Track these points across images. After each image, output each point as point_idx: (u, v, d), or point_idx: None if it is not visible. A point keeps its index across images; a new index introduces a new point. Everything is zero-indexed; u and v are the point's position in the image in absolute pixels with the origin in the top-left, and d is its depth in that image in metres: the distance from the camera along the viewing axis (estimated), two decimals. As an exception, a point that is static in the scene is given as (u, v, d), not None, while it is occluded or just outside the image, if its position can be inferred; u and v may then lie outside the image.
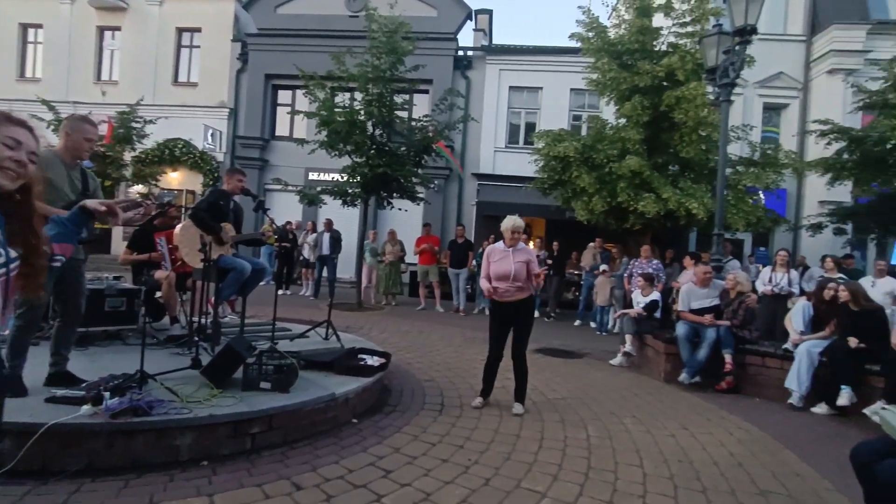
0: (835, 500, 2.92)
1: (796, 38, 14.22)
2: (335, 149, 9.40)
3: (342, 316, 8.33)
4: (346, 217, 12.17)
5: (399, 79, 9.39)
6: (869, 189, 9.74)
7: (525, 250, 4.23)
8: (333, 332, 5.05)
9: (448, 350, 6.43)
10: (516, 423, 3.87)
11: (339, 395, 3.53)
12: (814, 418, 4.56)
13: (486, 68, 15.04)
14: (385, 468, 2.92)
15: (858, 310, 4.79)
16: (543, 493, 2.77)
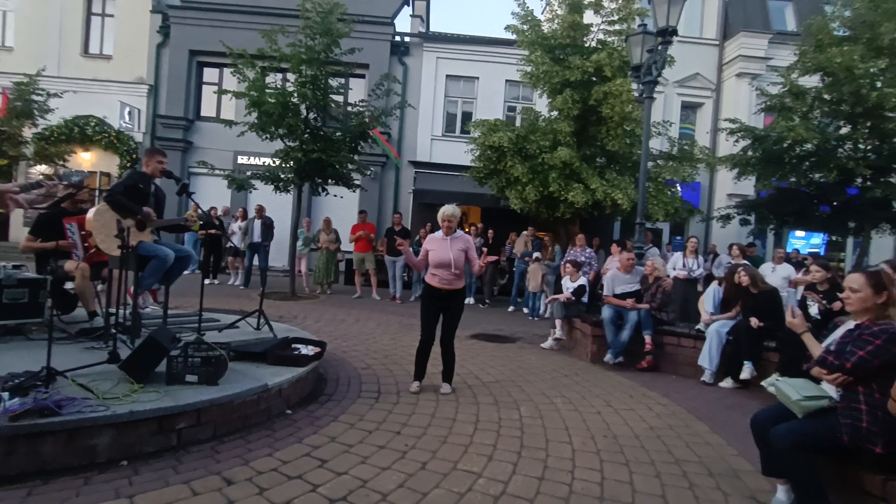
0: (738, 464, 3.23)
1: (710, 43, 15.30)
2: (266, 132, 9.00)
3: (275, 305, 8.07)
4: (278, 203, 11.74)
5: (334, 61, 9.12)
6: (769, 183, 10.72)
7: (462, 238, 4.33)
8: (265, 322, 4.89)
9: (385, 338, 6.43)
10: (452, 407, 3.95)
11: (273, 385, 3.44)
12: (721, 392, 5.01)
13: (423, 55, 14.96)
14: (321, 458, 2.90)
15: (757, 292, 5.30)
16: (479, 473, 2.86)
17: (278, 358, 3.85)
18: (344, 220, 11.91)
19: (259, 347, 3.96)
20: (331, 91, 9.22)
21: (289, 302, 8.88)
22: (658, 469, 3.09)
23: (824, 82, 9.49)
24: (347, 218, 12.10)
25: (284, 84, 9.25)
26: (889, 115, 8.81)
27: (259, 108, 8.59)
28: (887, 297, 2.41)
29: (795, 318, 2.77)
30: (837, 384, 2.41)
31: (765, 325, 4.99)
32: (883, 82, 8.64)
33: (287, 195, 10.10)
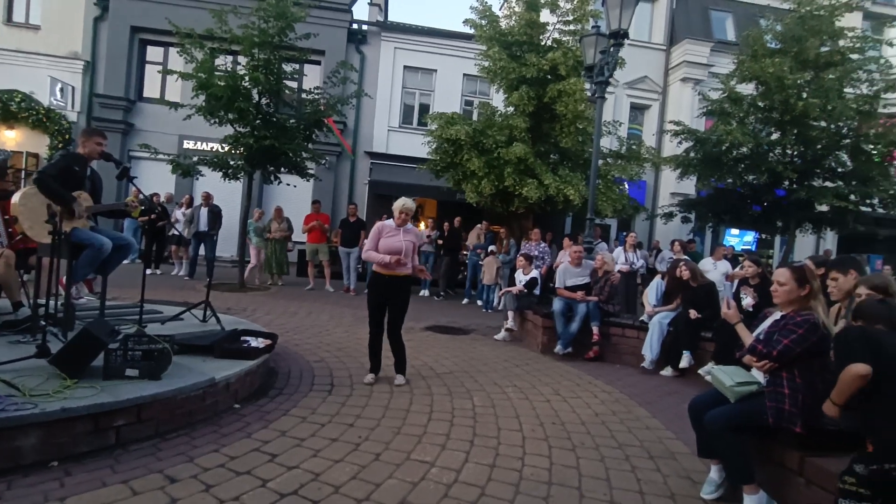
0: (675, 446, 3.43)
1: (658, 48, 15.94)
2: (215, 116, 8.61)
3: (222, 297, 7.78)
4: (227, 191, 11.29)
5: (289, 46, 8.84)
6: (708, 184, 11.33)
7: (414, 231, 4.43)
8: (212, 314, 4.71)
9: (338, 330, 6.35)
10: (407, 398, 3.97)
11: (220, 379, 3.33)
12: (661, 379, 5.28)
13: (381, 45, 14.76)
14: (271, 452, 2.84)
15: (696, 286, 5.61)
16: (432, 462, 2.90)
17: (226, 351, 3.73)
18: (297, 209, 11.62)
19: (206, 340, 3.82)
20: (284, 76, 8.94)
21: (237, 293, 8.59)
22: (602, 453, 3.23)
23: (758, 90, 10.12)
24: (300, 208, 11.81)
25: (235, 67, 8.89)
26: (813, 123, 9.51)
27: (207, 91, 8.21)
28: (810, 289, 2.61)
29: (730, 310, 2.96)
30: (765, 370, 2.60)
31: (702, 316, 5.29)
32: (808, 93, 9.31)
33: (236, 183, 9.74)
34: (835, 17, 9.76)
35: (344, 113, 10.84)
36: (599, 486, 2.77)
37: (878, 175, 9.60)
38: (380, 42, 14.77)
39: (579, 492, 2.70)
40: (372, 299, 4.31)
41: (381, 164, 14.44)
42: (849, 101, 9.26)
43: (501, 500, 2.55)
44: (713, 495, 2.69)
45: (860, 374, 2.01)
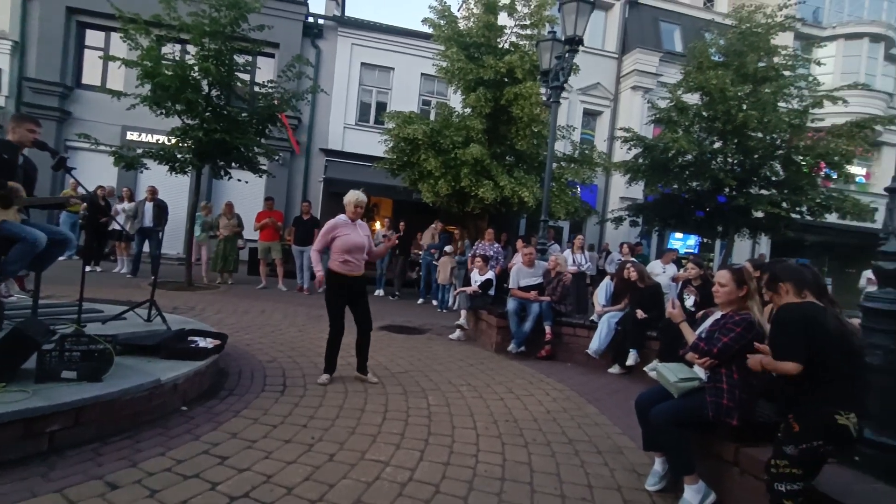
0: (622, 441, 3.58)
1: (610, 55, 16.50)
2: (161, 107, 8.20)
3: (169, 296, 7.45)
4: (174, 186, 10.82)
5: (241, 37, 8.54)
6: (655, 189, 11.84)
7: (364, 225, 4.41)
8: (158, 313, 4.50)
9: (291, 329, 6.21)
10: (361, 398, 3.94)
11: (166, 380, 3.20)
12: (610, 377, 5.48)
13: (337, 40, 14.54)
14: (221, 455, 2.76)
15: (643, 287, 5.86)
16: (387, 461, 2.90)
17: (173, 351, 3.59)
18: (248, 206, 11.28)
19: (151, 340, 3.65)
20: (236, 68, 8.64)
21: (185, 292, 8.23)
22: (553, 449, 3.32)
23: (703, 101, 10.66)
24: (252, 204, 11.48)
25: (184, 56, 8.50)
26: (751, 134, 10.12)
27: (153, 81, 7.81)
28: (747, 290, 2.79)
29: (675, 310, 3.11)
30: (706, 367, 2.76)
31: (648, 316, 5.53)
32: (747, 105, 9.89)
33: (184, 177, 9.34)
34: (770, 35, 10.43)
35: (299, 108, 10.61)
36: (550, 481, 2.86)
37: (807, 185, 10.32)
38: (336, 37, 14.54)
39: (531, 487, 2.77)
40: (334, 299, 4.23)
41: (336, 162, 14.22)
42: (782, 115, 9.92)
43: (455, 497, 2.58)
44: (657, 487, 2.83)
45: (790, 371, 2.15)
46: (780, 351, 2.20)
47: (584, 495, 2.74)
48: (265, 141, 9.42)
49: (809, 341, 2.11)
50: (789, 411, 2.15)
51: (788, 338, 2.17)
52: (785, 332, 2.20)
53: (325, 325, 4.38)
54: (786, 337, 2.18)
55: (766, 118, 9.57)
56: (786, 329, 2.19)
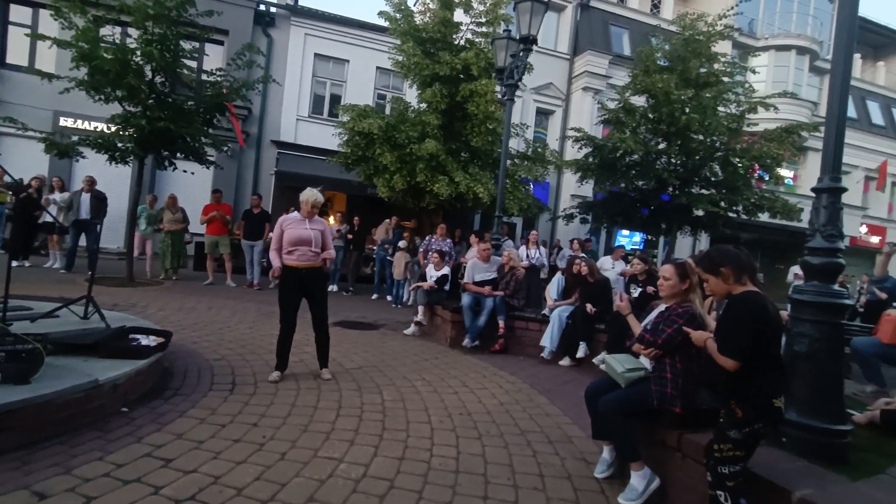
0: (572, 431, 3.69)
1: (563, 56, 16.89)
2: (100, 92, 7.70)
3: (108, 292, 7.04)
4: (113, 176, 10.20)
5: (188, 22, 8.14)
6: (604, 187, 12.25)
7: (321, 222, 4.36)
8: (95, 310, 4.25)
9: (241, 326, 6.02)
10: (314, 395, 3.88)
11: (105, 381, 3.03)
12: (560, 369, 5.64)
13: (290, 30, 14.15)
14: (165, 457, 2.65)
15: (593, 281, 6.06)
16: (340, 458, 2.86)
17: (113, 350, 3.40)
18: (194, 199, 10.81)
19: (88, 339, 3.45)
20: (182, 55, 8.22)
21: (126, 288, 7.80)
22: (506, 440, 3.39)
23: (649, 103, 11.11)
24: (198, 197, 11.00)
25: (124, 39, 8.00)
26: (693, 136, 10.66)
27: (90, 64, 7.31)
28: (689, 284, 2.93)
29: (622, 303, 3.24)
30: (651, 357, 2.89)
31: (597, 309, 5.73)
32: (690, 109, 10.39)
33: (125, 168, 8.82)
34: (711, 43, 10.99)
35: (249, 98, 10.26)
36: (503, 472, 2.92)
37: (743, 185, 10.98)
38: (289, 27, 14.15)
39: (484, 478, 2.81)
40: (286, 294, 4.18)
41: (288, 155, 13.87)
42: (721, 119, 10.49)
43: (410, 491, 2.59)
44: (605, 474, 2.94)
45: (727, 367, 2.26)
46: (724, 345, 2.26)
47: (535, 484, 2.81)
48: (213, 131, 9.05)
49: (756, 338, 2.18)
50: (731, 398, 2.27)
51: (735, 335, 2.22)
52: (734, 327, 2.24)
53: (275, 322, 4.30)
54: (733, 333, 2.23)
55: (707, 121, 10.10)
56: (736, 325, 2.24)
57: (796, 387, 2.56)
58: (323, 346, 4.39)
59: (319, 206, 4.29)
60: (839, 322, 2.61)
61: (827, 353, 2.55)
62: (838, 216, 2.65)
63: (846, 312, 2.65)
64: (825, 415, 2.50)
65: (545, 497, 2.68)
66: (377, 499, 2.48)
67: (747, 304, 2.25)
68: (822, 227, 2.65)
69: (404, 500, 2.50)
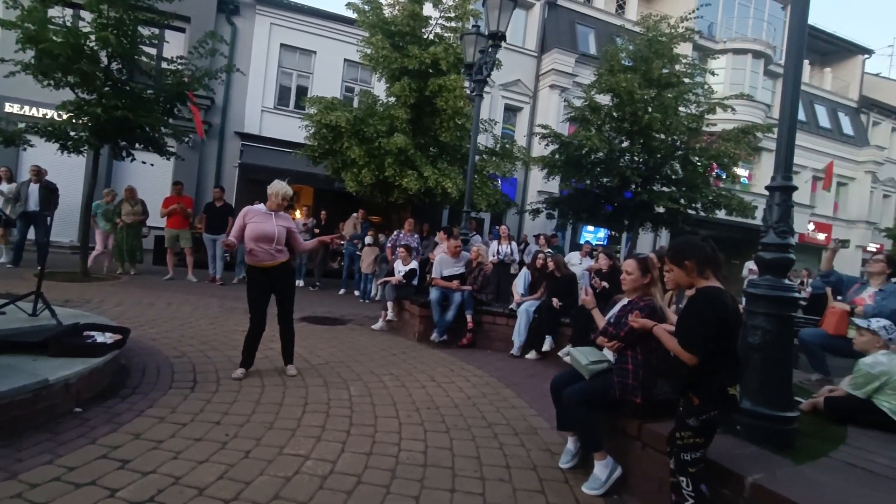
0: (538, 422, 3.75)
1: (531, 54, 17.04)
2: (49, 77, 7.31)
3: (59, 287, 6.73)
4: (65, 166, 9.71)
5: (147, 7, 7.81)
6: (569, 184, 12.46)
7: (287, 217, 4.26)
8: (46, 307, 4.05)
9: (203, 322, 5.85)
10: (279, 392, 3.81)
11: (56, 381, 2.90)
12: (527, 362, 5.72)
13: (255, 19, 13.77)
14: (121, 458, 2.56)
15: (560, 276, 6.17)
16: (307, 455, 2.83)
17: (64, 348, 3.25)
18: (153, 191, 10.43)
19: (37, 336, 3.28)
20: (141, 41, 7.88)
21: (79, 284, 7.46)
22: (473, 433, 3.42)
23: (614, 102, 11.34)
24: (158, 189, 10.63)
25: (77, 23, 7.61)
26: (655, 135, 10.94)
27: (38, 47, 6.92)
28: (651, 278, 3.03)
29: (587, 297, 3.31)
30: (614, 350, 2.97)
31: (562, 304, 5.84)
32: (652, 108, 10.67)
33: (78, 158, 8.40)
34: (673, 44, 11.30)
35: (212, 88, 9.94)
36: (470, 464, 2.95)
37: (701, 183, 11.36)
38: (254, 15, 13.77)
39: (452, 471, 2.84)
40: (255, 293, 4.10)
41: (252, 147, 13.53)
42: (682, 118, 10.82)
43: (378, 486, 2.59)
44: (569, 464, 3.01)
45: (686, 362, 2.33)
46: (686, 340, 2.29)
47: (502, 476, 2.85)
48: (174, 121, 8.72)
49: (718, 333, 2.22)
50: (688, 389, 2.36)
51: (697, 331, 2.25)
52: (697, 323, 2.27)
53: (239, 318, 4.21)
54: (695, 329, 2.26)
55: (668, 121, 10.39)
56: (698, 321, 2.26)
57: (749, 377, 2.68)
58: (288, 341, 4.32)
59: (289, 198, 4.18)
60: (790, 315, 2.74)
61: (778, 344, 2.67)
62: (790, 213, 2.78)
63: (796, 305, 2.78)
64: (775, 403, 2.63)
65: (511, 488, 2.72)
66: (344, 494, 2.47)
67: (709, 299, 2.27)
68: (774, 224, 2.77)
69: (372, 494, 2.50)
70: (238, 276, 9.57)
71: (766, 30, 20.54)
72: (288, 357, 4.34)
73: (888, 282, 4.53)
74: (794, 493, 2.03)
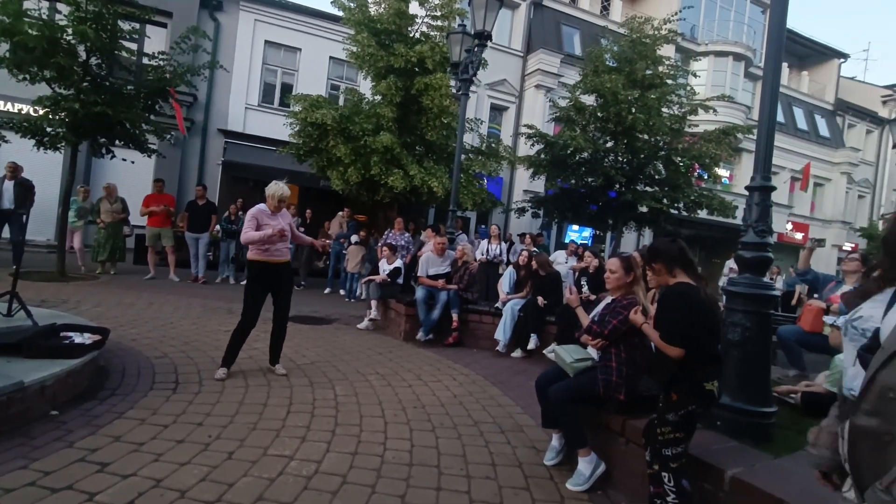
0: (523, 420, 3.77)
1: (516, 53, 17.11)
2: (25, 71, 7.13)
3: (35, 287, 6.59)
4: (42, 163, 9.48)
5: (127, 1, 7.66)
6: (555, 183, 12.54)
7: (287, 216, 4.40)
8: (21, 307, 3.95)
9: (185, 322, 5.76)
10: (263, 392, 3.78)
11: (31, 383, 2.83)
12: (512, 360, 5.75)
13: (239, 15, 13.59)
14: (100, 461, 2.52)
15: (545, 275, 6.20)
16: (291, 456, 2.81)
17: (40, 349, 3.18)
18: (134, 189, 10.22)
19: (11, 338, 3.20)
20: (121, 35, 7.71)
21: (56, 283, 7.30)
22: (460, 431, 3.43)
23: (598, 102, 11.44)
24: (138, 187, 10.42)
25: (53, 15, 7.43)
26: (638, 135, 11.07)
27: (12, 39, 6.75)
28: (634, 276, 3.06)
29: (572, 296, 3.34)
30: (598, 347, 3.00)
31: (547, 302, 5.88)
32: (636, 109, 10.79)
33: (56, 154, 8.20)
34: (656, 46, 11.44)
35: (194, 84, 9.79)
36: (456, 462, 2.95)
37: (684, 183, 11.53)
38: (238, 11, 13.59)
39: (438, 469, 2.84)
40: (256, 290, 4.14)
41: (236, 144, 13.36)
42: (665, 119, 10.96)
43: (363, 485, 2.58)
44: (554, 461, 3.03)
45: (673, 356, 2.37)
46: (668, 335, 2.34)
47: (488, 473, 2.86)
48: (155, 118, 8.57)
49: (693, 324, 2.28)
50: (670, 386, 2.39)
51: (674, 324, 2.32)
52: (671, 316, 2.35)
53: (223, 318, 4.16)
54: (672, 322, 2.33)
55: (652, 121, 10.52)
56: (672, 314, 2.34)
57: (729, 373, 2.73)
58: (280, 341, 4.33)
59: (286, 199, 4.27)
60: (768, 312, 2.80)
61: (757, 341, 2.73)
62: (769, 213, 2.84)
63: (774, 303, 2.84)
64: (754, 398, 2.69)
65: (497, 485, 2.73)
66: (329, 495, 2.45)
67: (675, 295, 2.37)
68: (754, 223, 2.82)
69: (357, 494, 2.49)
70: (222, 276, 9.45)
71: (746, 33, 20.89)
72: (276, 357, 4.32)
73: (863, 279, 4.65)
74: (772, 486, 2.07)
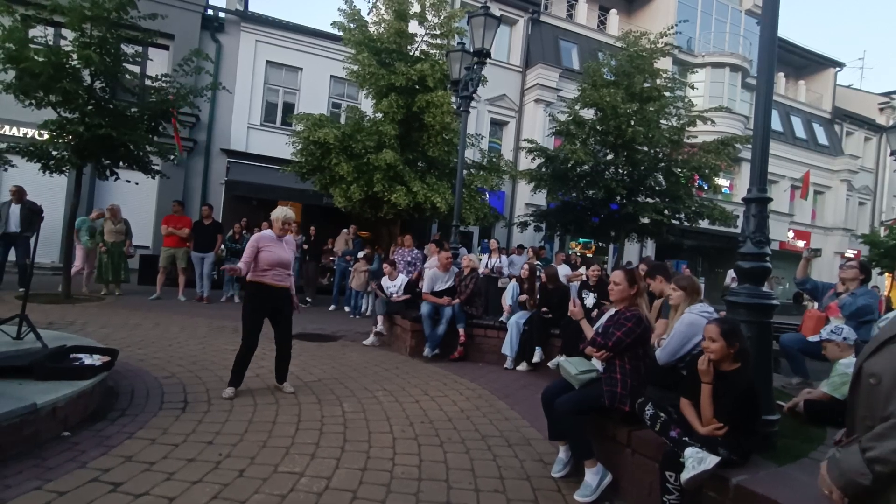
0: (530, 434, 3.79)
1: (515, 69, 17.33)
2: (31, 96, 7.28)
3: (41, 309, 6.64)
4: (46, 186, 9.61)
5: (130, 25, 7.83)
6: (556, 197, 12.62)
7: (291, 241, 4.46)
8: (30, 329, 4.00)
9: (192, 342, 5.79)
10: (272, 410, 3.80)
11: (44, 405, 2.86)
12: (518, 374, 5.76)
13: (240, 36, 13.84)
14: (113, 481, 2.54)
15: (552, 288, 6.24)
16: (301, 472, 2.83)
17: (51, 371, 3.22)
18: (138, 210, 10.36)
19: (22, 360, 3.24)
20: (125, 59, 7.89)
21: (62, 305, 7.36)
22: (468, 446, 3.44)
23: (597, 116, 11.56)
24: (142, 208, 10.55)
25: (58, 41, 7.61)
26: (638, 148, 11.17)
27: (18, 66, 6.91)
28: (637, 289, 3.11)
29: (575, 308, 3.38)
30: (603, 359, 3.03)
31: (552, 315, 5.90)
32: (635, 122, 10.90)
33: (60, 177, 8.32)
34: (653, 59, 11.59)
35: (197, 105, 9.94)
36: (465, 476, 2.97)
37: (684, 194, 11.59)
38: (239, 33, 13.85)
39: (447, 484, 2.85)
40: (255, 312, 4.18)
41: (239, 164, 13.51)
42: (664, 131, 11.06)
43: (373, 501, 2.60)
44: (561, 473, 3.04)
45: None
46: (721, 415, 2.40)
47: (496, 487, 2.87)
48: (158, 139, 8.70)
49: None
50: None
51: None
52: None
53: (229, 336, 4.20)
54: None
55: (651, 134, 10.62)
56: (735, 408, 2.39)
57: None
58: (285, 361, 4.35)
59: (292, 223, 4.33)
60: (768, 321, 2.83)
61: (758, 349, 2.76)
62: (766, 224, 2.89)
63: (774, 312, 2.88)
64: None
65: (505, 498, 2.75)
66: (340, 511, 2.48)
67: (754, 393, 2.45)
68: (751, 234, 2.87)
69: (367, 510, 2.51)
70: (227, 294, 9.49)
71: (742, 44, 21.14)
72: (283, 376, 4.35)
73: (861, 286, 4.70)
74: (776, 493, 2.09)
